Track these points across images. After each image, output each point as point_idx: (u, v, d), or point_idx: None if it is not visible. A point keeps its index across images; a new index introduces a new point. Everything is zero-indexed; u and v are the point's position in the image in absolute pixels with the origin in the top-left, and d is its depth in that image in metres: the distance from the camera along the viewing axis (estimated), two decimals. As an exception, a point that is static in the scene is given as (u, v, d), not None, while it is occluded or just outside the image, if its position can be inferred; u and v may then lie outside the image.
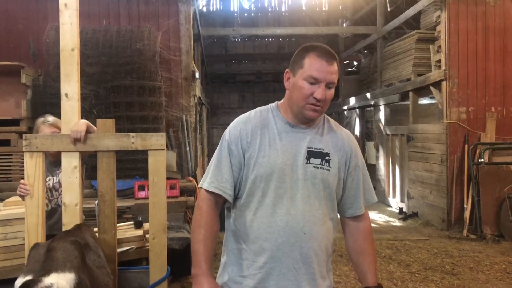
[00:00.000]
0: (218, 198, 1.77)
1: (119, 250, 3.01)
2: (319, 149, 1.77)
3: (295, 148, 1.75)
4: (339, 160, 1.80)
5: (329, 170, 1.76)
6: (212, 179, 1.77)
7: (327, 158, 1.76)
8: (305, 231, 1.71)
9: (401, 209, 8.97)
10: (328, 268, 1.84)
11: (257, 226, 1.72)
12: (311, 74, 1.68)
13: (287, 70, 1.79)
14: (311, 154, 1.75)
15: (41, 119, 3.08)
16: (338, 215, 1.90)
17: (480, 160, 7.03)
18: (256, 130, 1.77)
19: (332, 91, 1.74)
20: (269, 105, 1.87)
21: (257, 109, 1.86)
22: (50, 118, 3.07)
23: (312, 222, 1.72)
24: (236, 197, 1.79)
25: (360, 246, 1.87)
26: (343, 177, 1.83)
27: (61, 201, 3.05)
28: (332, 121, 1.90)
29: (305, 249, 1.71)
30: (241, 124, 1.80)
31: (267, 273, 1.71)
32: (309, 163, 1.74)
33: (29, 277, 1.92)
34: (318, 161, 1.75)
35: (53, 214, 3.08)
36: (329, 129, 1.85)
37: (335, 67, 1.71)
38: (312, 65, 1.69)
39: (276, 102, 1.88)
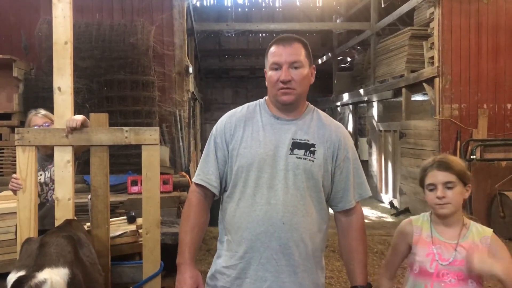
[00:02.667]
0: (206, 191, 1.82)
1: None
2: (304, 140, 1.77)
3: (278, 139, 1.76)
4: (325, 151, 1.78)
5: (313, 161, 1.75)
6: (199, 171, 1.83)
7: (311, 149, 1.76)
8: (284, 221, 1.69)
9: (393, 205, 9.03)
10: (317, 264, 1.80)
11: (239, 216, 1.74)
12: (272, 60, 1.77)
13: (265, 69, 1.85)
14: (296, 145, 1.76)
15: (33, 112, 3.10)
16: (331, 211, 1.89)
17: (472, 157, 7.08)
18: (239, 123, 1.82)
19: (301, 70, 1.76)
20: (258, 100, 1.91)
21: (246, 104, 1.92)
22: (42, 111, 3.10)
23: (292, 212, 1.70)
24: (224, 190, 1.84)
25: (350, 243, 1.83)
26: (331, 169, 1.80)
27: (51, 196, 3.03)
28: (322, 113, 1.90)
29: (284, 240, 1.70)
30: (226, 118, 1.87)
31: (247, 263, 1.72)
32: (293, 154, 1.74)
33: (22, 273, 1.90)
34: (302, 151, 1.75)
35: (40, 207, 3.06)
36: (317, 120, 1.85)
37: (295, 47, 1.77)
38: (272, 53, 1.79)
39: (265, 97, 1.91)
